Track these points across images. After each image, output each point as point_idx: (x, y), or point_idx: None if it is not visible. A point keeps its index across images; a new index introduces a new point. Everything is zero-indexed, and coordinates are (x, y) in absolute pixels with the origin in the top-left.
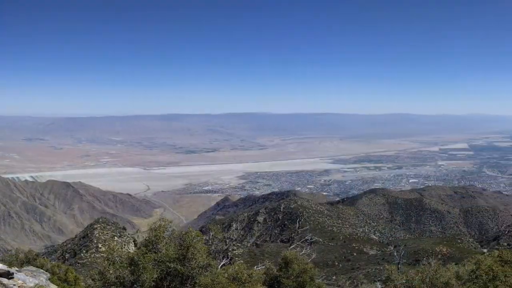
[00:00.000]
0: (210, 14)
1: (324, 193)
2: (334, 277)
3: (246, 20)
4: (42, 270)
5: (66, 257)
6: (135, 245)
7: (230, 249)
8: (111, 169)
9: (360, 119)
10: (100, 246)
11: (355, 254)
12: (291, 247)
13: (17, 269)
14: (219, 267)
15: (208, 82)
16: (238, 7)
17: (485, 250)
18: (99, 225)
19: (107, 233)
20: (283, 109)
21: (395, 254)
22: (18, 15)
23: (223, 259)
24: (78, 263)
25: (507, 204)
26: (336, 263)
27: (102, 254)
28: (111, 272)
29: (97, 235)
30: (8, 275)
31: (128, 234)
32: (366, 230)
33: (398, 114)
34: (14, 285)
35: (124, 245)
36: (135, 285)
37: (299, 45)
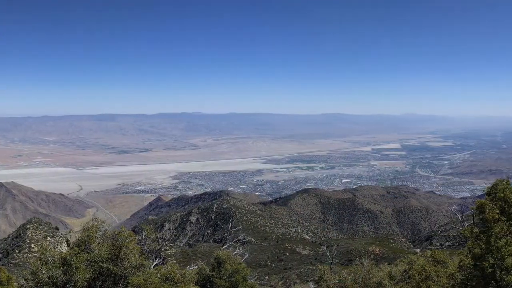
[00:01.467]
0: (141, 13)
1: (257, 193)
2: (266, 277)
3: (176, 21)
4: None
5: None
6: (68, 245)
7: (162, 249)
8: (44, 169)
9: (293, 119)
10: (33, 246)
11: (287, 254)
12: (224, 247)
13: None
14: (152, 267)
15: (140, 82)
16: (167, 5)
17: (418, 250)
18: (32, 225)
19: (40, 233)
20: (216, 109)
21: (328, 254)
22: None
23: (155, 259)
24: (11, 263)
25: (439, 204)
26: (269, 263)
27: (35, 254)
28: (43, 272)
29: (30, 235)
30: None
31: (61, 234)
32: (299, 230)
33: (332, 114)
34: None
35: (57, 245)
36: (67, 285)
37: (231, 45)
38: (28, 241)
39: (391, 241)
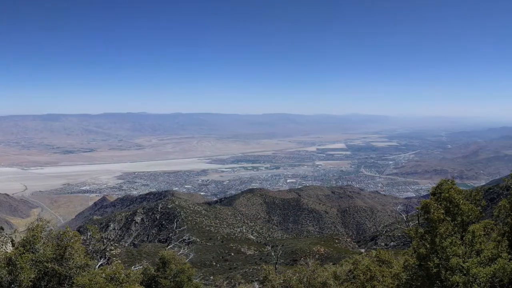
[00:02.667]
0: (85, 11)
1: (202, 193)
2: (211, 277)
3: (120, 20)
4: None
5: None
6: (13, 245)
7: (107, 249)
8: None
9: (238, 119)
10: None
11: (232, 254)
12: (169, 247)
13: None
14: (97, 267)
15: (85, 82)
16: (110, 4)
17: (362, 250)
18: None
19: None
20: (161, 109)
21: (273, 254)
22: None
23: (100, 259)
24: None
25: (384, 204)
26: (214, 263)
27: None
28: None
29: None
30: None
31: (6, 234)
32: (244, 230)
33: (277, 114)
34: None
35: (2, 245)
36: (12, 285)
37: (175, 45)
38: None
39: (336, 241)
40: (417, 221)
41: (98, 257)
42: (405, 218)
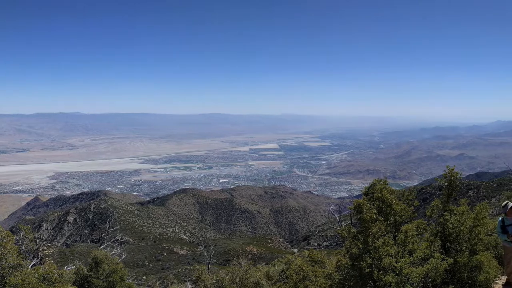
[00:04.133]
0: (16, 11)
1: (135, 193)
2: (144, 277)
3: (49, 20)
4: None
5: None
6: None
7: (40, 249)
8: None
9: (171, 119)
10: None
11: (165, 254)
12: (101, 247)
13: None
14: (30, 267)
15: (17, 82)
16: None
17: (295, 250)
18: None
19: None
20: (94, 109)
21: (206, 254)
22: None
23: (33, 259)
24: None
25: (317, 204)
26: (147, 263)
27: None
28: None
29: None
30: None
31: None
32: (177, 230)
33: (212, 114)
34: None
35: None
36: None
37: (106, 45)
38: None
39: (269, 241)
40: (349, 221)
41: (30, 257)
42: (338, 218)
